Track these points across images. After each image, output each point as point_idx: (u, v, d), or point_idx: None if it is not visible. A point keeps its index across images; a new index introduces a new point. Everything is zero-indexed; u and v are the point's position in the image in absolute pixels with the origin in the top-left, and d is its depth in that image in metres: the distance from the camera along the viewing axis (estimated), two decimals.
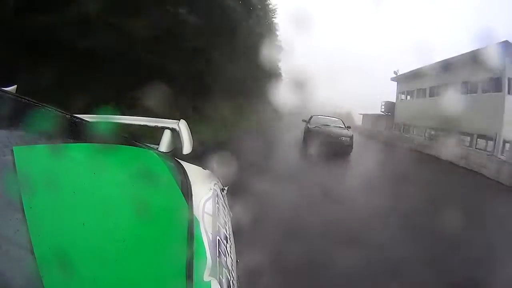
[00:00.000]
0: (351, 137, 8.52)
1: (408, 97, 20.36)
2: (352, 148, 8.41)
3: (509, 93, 12.13)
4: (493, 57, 11.58)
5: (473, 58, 12.49)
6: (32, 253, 0.38)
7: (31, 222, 0.40)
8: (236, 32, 9.05)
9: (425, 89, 17.56)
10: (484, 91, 13.13)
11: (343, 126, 9.46)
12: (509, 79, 12.14)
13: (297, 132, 10.07)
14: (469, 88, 13.74)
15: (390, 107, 21.87)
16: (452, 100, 13.17)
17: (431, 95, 16.81)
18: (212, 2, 7.52)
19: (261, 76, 13.59)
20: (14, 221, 0.39)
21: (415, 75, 17.85)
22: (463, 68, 13.52)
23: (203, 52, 7.42)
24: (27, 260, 0.38)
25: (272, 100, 14.21)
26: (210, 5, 7.27)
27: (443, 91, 14.68)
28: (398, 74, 20.83)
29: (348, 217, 3.54)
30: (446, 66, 14.65)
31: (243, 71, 10.62)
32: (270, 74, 14.82)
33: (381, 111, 22.73)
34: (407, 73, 19.55)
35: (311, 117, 9.86)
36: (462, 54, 13.78)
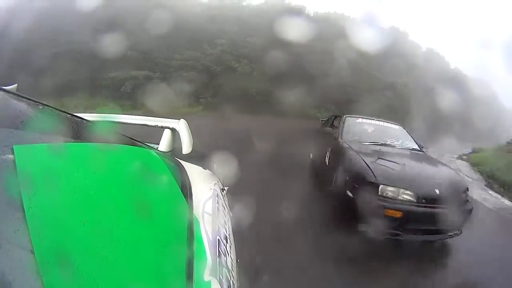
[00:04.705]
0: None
1: None
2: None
3: None
4: None
5: None
6: (32, 253, 0.38)
7: (31, 222, 0.40)
8: None
9: None
10: None
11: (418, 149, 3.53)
12: None
13: None
14: None
15: None
16: None
17: None
18: None
19: None
20: (14, 221, 0.39)
21: None
22: None
23: None
24: (27, 260, 0.38)
25: None
26: None
27: None
28: None
29: None
30: None
31: None
32: None
33: None
34: None
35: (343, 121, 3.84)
36: None
